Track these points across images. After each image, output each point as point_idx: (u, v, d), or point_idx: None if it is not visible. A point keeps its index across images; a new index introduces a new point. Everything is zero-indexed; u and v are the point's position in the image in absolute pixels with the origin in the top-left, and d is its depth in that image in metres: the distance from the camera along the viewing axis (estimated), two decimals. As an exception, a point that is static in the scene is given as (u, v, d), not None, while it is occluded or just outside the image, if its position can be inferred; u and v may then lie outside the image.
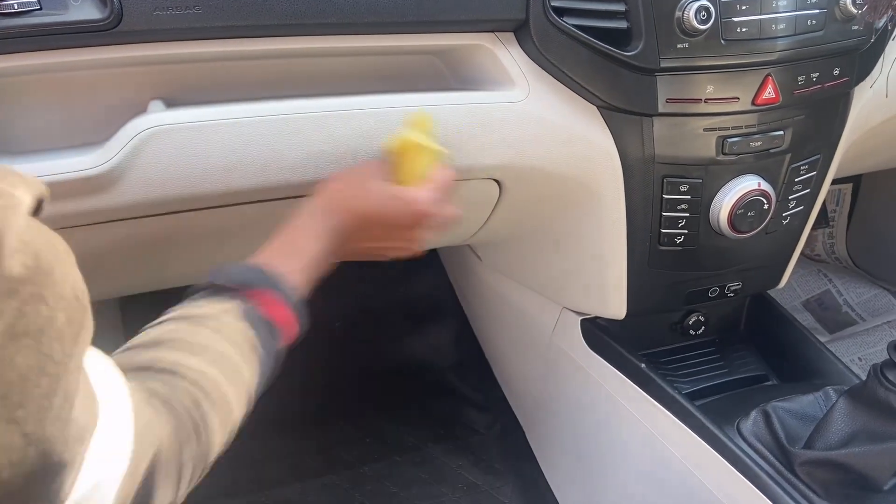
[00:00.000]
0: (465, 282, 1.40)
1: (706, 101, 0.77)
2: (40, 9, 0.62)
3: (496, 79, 0.77)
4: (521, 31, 0.75)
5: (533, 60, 0.76)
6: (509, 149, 0.76)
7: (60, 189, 0.63)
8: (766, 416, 0.79)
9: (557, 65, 0.74)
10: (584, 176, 0.80)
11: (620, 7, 0.73)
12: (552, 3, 0.72)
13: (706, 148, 0.79)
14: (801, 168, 0.86)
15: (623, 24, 0.73)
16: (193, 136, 0.66)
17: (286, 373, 1.48)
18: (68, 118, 0.70)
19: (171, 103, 0.71)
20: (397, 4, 0.70)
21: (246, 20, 0.68)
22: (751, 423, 0.80)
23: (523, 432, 1.22)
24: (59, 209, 0.64)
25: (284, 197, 0.72)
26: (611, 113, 0.77)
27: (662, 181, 0.80)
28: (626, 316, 0.91)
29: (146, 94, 0.72)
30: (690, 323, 0.98)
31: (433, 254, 1.56)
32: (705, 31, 0.73)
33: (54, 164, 0.63)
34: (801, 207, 0.90)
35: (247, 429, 1.33)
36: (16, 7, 0.62)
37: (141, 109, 0.69)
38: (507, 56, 0.75)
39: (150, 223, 0.69)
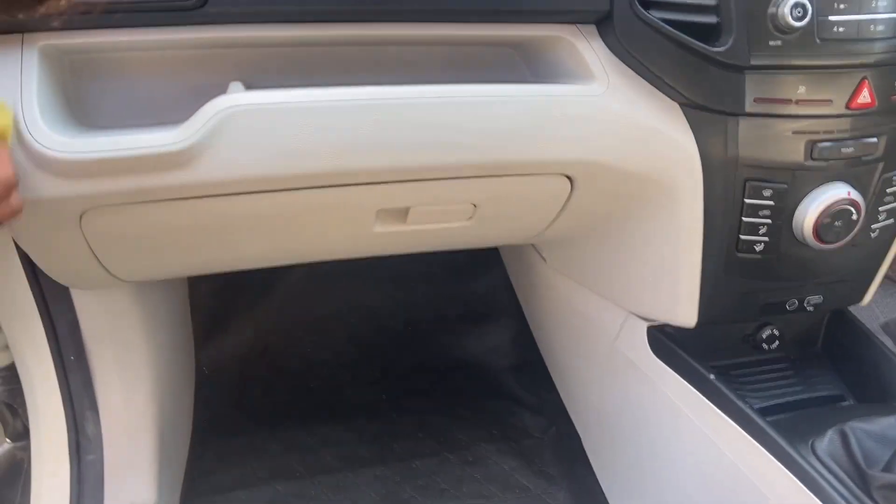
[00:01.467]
0: (526, 282, 1.38)
1: (797, 102, 0.73)
2: (133, -14, 0.63)
3: (574, 72, 0.75)
4: (603, 24, 0.73)
5: (614, 54, 0.74)
6: (583, 144, 0.74)
7: (143, 163, 0.64)
8: (844, 437, 0.75)
9: (640, 59, 0.72)
10: (660, 175, 0.77)
11: (711, 1, 0.70)
12: (639, -4, 0.70)
13: (794, 152, 0.76)
14: (895, 178, 0.81)
15: (712, 19, 0.70)
16: (271, 118, 0.66)
17: (341, 361, 1.50)
18: (151, 96, 0.72)
19: (249, 85, 0.71)
20: (480, -7, 0.69)
21: (326, 5, 0.68)
22: (826, 442, 0.76)
23: (579, 438, 1.20)
24: (141, 183, 0.65)
25: (358, 183, 0.72)
26: (693, 111, 0.74)
27: (745, 185, 0.77)
28: (697, 325, 0.87)
29: (226, 76, 0.72)
30: (764, 336, 0.94)
31: (494, 252, 1.55)
32: (800, 28, 0.70)
33: (137, 139, 0.64)
34: (892, 220, 0.85)
35: (300, 415, 1.34)
36: (109, -16, 0.63)
37: (221, 91, 0.70)
38: (588, 48, 0.74)
39: (224, 202, 0.70)
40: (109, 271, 0.78)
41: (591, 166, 0.76)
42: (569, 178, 0.79)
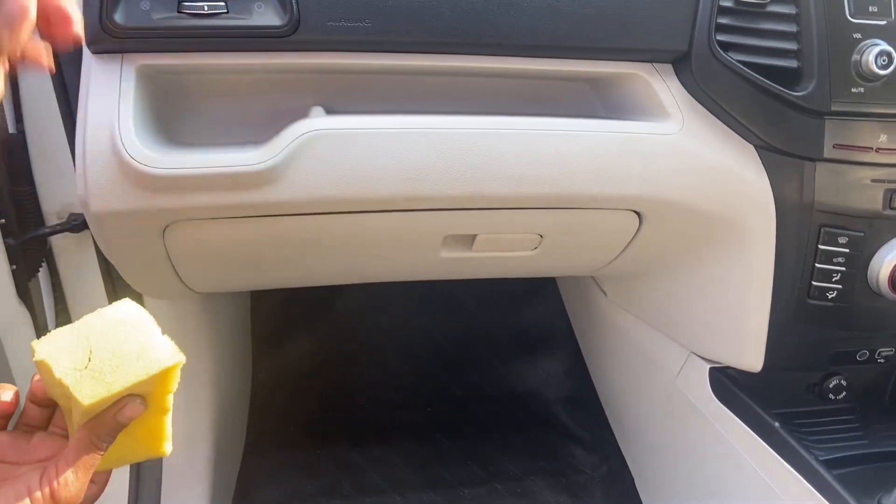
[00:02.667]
0: (584, 314, 1.37)
1: (877, 150, 0.72)
2: (227, 12, 0.67)
3: (648, 109, 0.75)
4: (680, 63, 0.73)
5: (689, 93, 0.74)
6: (655, 180, 0.74)
7: (226, 181, 0.67)
8: (915, 497, 0.72)
9: (717, 100, 0.72)
10: (733, 216, 0.76)
11: (792, 46, 0.70)
12: (718, 38, 0.70)
13: (872, 200, 0.74)
14: (977, 231, 0.79)
15: (793, 64, 0.70)
16: (349, 142, 0.68)
17: (395, 382, 1.51)
18: (237, 117, 0.75)
19: (330, 109, 0.74)
20: (559, 29, 0.70)
21: (411, 37, 0.70)
22: (894, 499, 0.73)
23: (632, 478, 1.18)
24: (224, 199, 0.68)
25: (428, 209, 0.73)
26: (769, 154, 0.74)
27: (819, 230, 0.75)
28: (762, 370, 0.86)
29: (309, 100, 0.75)
30: (831, 386, 0.91)
31: (551, 282, 1.55)
32: (884, 76, 0.69)
33: (222, 158, 0.67)
34: (972, 274, 0.82)
35: (352, 434, 1.35)
36: (206, 9, 0.66)
37: (302, 114, 0.72)
38: (663, 87, 0.74)
39: (300, 221, 0.72)
40: (185, 282, 0.81)
41: (661, 203, 0.76)
42: (638, 213, 0.79)
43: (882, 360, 0.87)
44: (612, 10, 0.69)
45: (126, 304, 0.47)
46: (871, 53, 0.68)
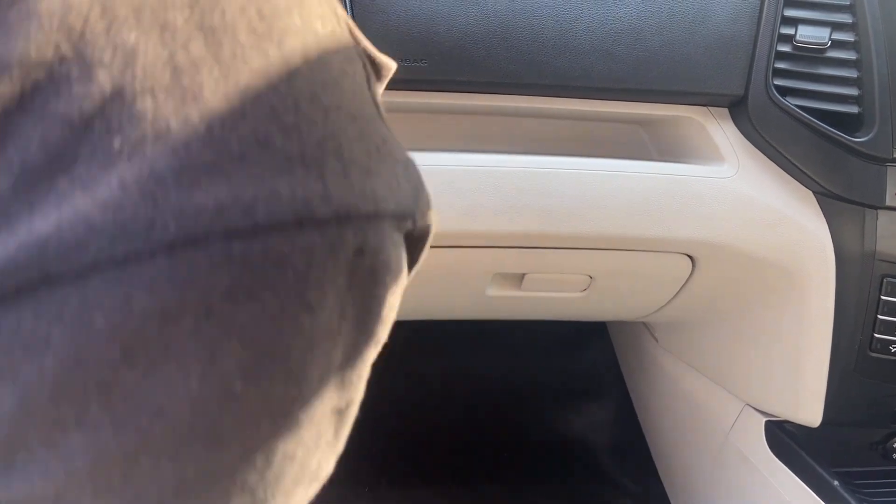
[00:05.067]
0: (634, 360, 1.35)
1: (943, 198, 0.70)
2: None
3: (703, 153, 0.75)
4: (736, 107, 0.73)
5: (745, 137, 0.73)
6: (709, 225, 0.73)
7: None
8: None
9: (774, 144, 0.71)
10: (789, 264, 0.74)
11: (853, 91, 0.68)
12: (775, 82, 0.69)
13: (938, 250, 0.71)
14: None
15: (854, 109, 0.69)
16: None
17: (439, 424, 1.50)
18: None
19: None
20: (612, 71, 0.71)
21: (466, 76, 0.72)
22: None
23: (681, 533, 1.14)
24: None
25: (477, 245, 0.74)
26: (829, 200, 0.72)
27: (882, 281, 0.73)
28: (821, 425, 0.82)
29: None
30: (895, 446, 0.87)
31: (601, 326, 1.53)
32: (951, 123, 0.67)
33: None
34: None
35: (393, 473, 1.34)
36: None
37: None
38: (718, 131, 0.73)
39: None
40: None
41: (714, 248, 0.75)
42: (691, 258, 0.78)
43: (951, 421, 0.83)
44: (667, 53, 0.70)
45: None
46: (937, 100, 0.66)
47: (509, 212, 0.71)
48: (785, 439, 0.86)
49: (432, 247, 0.73)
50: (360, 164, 0.21)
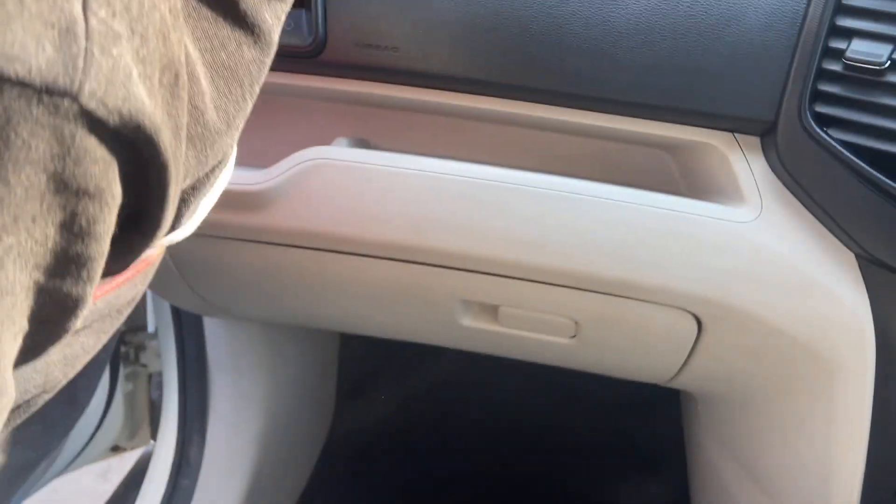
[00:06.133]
0: (694, 432, 1.17)
1: None
2: (257, 28, 0.64)
3: (723, 189, 0.61)
4: (768, 137, 0.58)
5: (776, 175, 0.58)
6: (716, 279, 0.59)
7: (224, 197, 0.63)
8: None
9: (806, 188, 0.56)
10: (815, 341, 0.58)
11: (917, 128, 0.52)
12: (816, 108, 0.54)
13: None
14: None
15: (916, 152, 0.52)
16: (357, 176, 0.62)
17: (471, 465, 1.38)
18: (262, 141, 0.72)
19: (368, 145, 0.68)
20: (613, 78, 0.59)
21: (447, 70, 0.63)
22: None
23: None
24: (220, 217, 0.64)
25: (437, 264, 0.64)
26: (874, 268, 0.55)
27: (939, 383, 0.55)
28: (853, 555, 0.64)
29: (337, 132, 0.70)
30: None
31: (675, 392, 1.35)
32: None
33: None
34: None
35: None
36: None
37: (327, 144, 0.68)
38: (742, 164, 0.59)
39: (299, 255, 0.67)
40: (206, 299, 0.79)
41: (722, 308, 0.60)
42: (696, 317, 0.63)
43: None
44: (679, 62, 0.57)
45: None
46: None
47: (466, 229, 0.61)
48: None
49: (386, 258, 0.63)
50: None
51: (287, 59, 0.64)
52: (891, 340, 0.55)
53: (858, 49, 0.53)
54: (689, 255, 0.59)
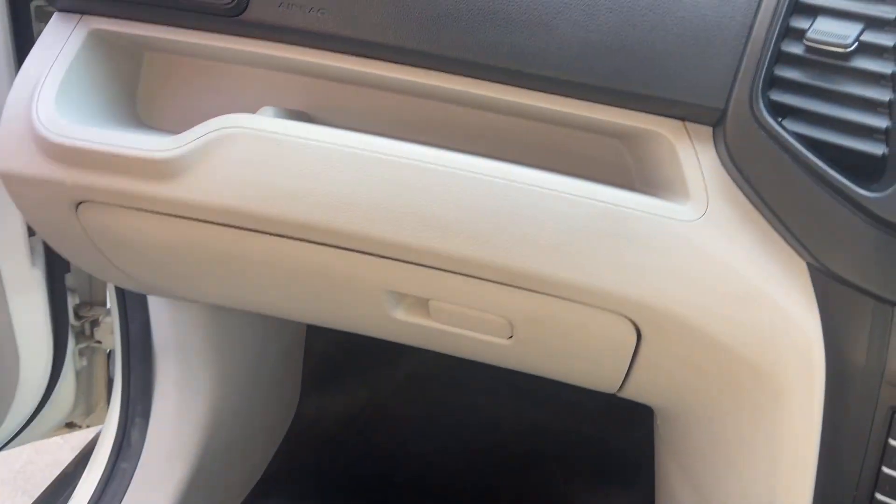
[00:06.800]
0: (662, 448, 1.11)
1: None
2: (179, -19, 0.59)
3: (670, 183, 0.55)
4: (720, 127, 0.52)
5: (726, 171, 0.52)
6: (652, 282, 0.53)
7: (125, 164, 0.59)
8: None
9: (756, 187, 0.50)
10: (758, 356, 0.52)
11: (881, 123, 0.46)
12: (771, 96, 0.48)
13: None
14: None
15: (878, 150, 0.46)
16: (272, 148, 0.57)
17: (435, 463, 1.32)
18: (190, 107, 0.67)
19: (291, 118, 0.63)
20: (550, 54, 0.53)
21: (378, 37, 0.57)
22: None
23: None
24: (121, 185, 0.60)
25: (356, 250, 0.59)
26: (826, 280, 0.49)
27: (892, 416, 0.49)
28: None
29: (266, 98, 0.65)
30: None
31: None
32: None
33: (129, 139, 0.59)
34: None
35: None
36: (155, -22, 0.60)
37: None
38: (691, 156, 0.53)
39: (211, 231, 0.62)
40: (129, 275, 0.74)
41: (659, 315, 0.54)
42: (634, 324, 0.57)
43: None
44: (622, 38, 0.51)
45: None
46: None
47: (384, 212, 0.56)
48: None
49: (301, 240, 0.58)
50: None
51: (206, 17, 0.59)
52: (842, 358, 0.49)
53: (822, 29, 0.46)
54: (625, 254, 0.53)
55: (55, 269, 0.96)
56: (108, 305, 1.09)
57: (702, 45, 0.50)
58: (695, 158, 0.53)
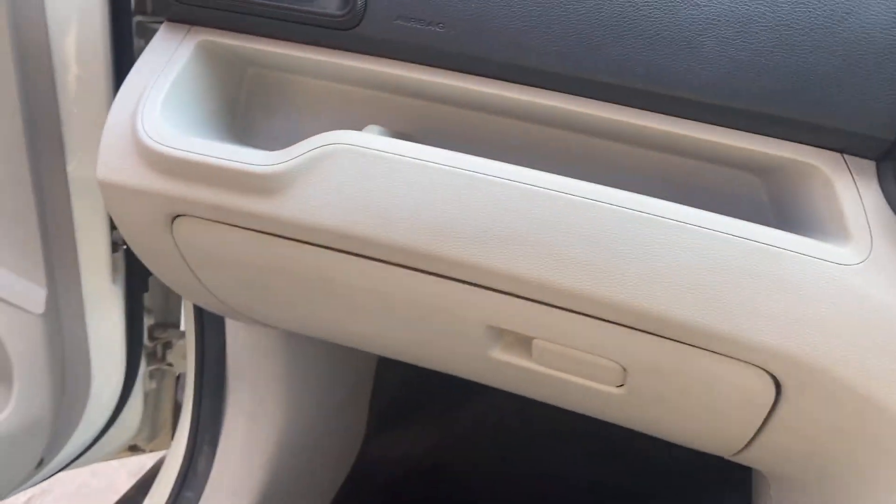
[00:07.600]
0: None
1: None
2: (292, -6, 0.57)
3: (825, 223, 0.49)
4: (887, 162, 0.46)
5: (894, 211, 0.46)
6: (806, 333, 0.47)
7: (230, 178, 0.56)
8: None
9: (935, 227, 0.44)
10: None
11: None
12: (957, 127, 0.42)
13: None
14: None
15: None
16: (378, 167, 0.53)
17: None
18: (286, 128, 0.64)
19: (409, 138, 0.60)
20: (691, 74, 0.48)
21: (498, 55, 0.54)
22: None
23: None
24: (222, 199, 0.57)
25: (461, 280, 0.54)
26: None
27: None
28: None
29: (370, 120, 0.62)
30: None
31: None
32: None
33: (231, 152, 0.56)
34: None
35: None
36: (270, -12, 0.58)
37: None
38: (851, 192, 0.47)
39: (308, 253, 0.58)
40: (214, 294, 0.71)
41: (809, 370, 0.48)
42: (774, 379, 0.51)
43: None
44: (774, 60, 0.46)
45: None
46: None
47: (503, 244, 0.51)
48: None
49: (401, 265, 0.53)
50: None
51: (318, 30, 0.57)
52: None
53: None
54: (773, 299, 0.47)
55: (134, 287, 0.95)
56: (182, 328, 1.07)
57: (870, 70, 0.45)
58: (856, 195, 0.47)
